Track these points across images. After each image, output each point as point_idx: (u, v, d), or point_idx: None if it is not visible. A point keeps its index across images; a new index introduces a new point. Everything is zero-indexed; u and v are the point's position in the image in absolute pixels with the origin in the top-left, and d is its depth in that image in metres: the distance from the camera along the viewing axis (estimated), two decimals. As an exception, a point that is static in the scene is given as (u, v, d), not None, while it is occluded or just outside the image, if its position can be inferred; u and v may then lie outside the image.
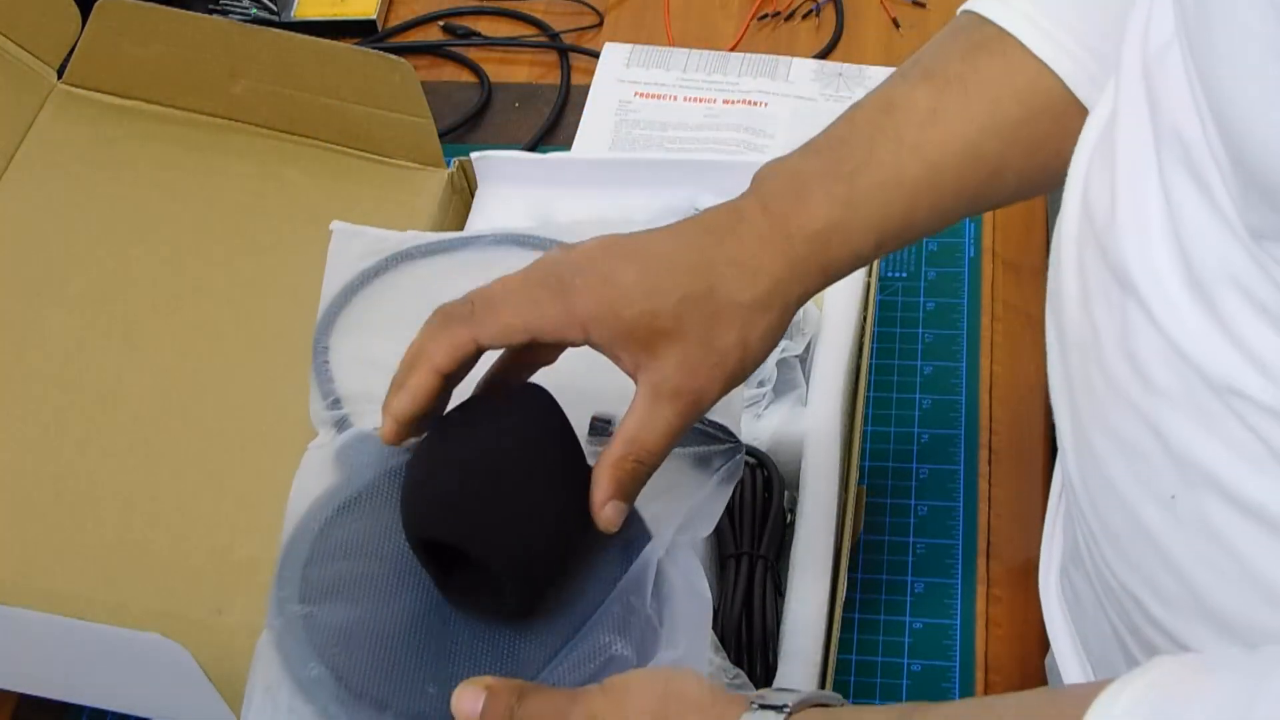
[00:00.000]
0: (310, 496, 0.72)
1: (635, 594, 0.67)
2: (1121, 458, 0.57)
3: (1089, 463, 0.60)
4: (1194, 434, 0.53)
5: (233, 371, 0.93)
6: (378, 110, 1.01)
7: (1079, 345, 0.60)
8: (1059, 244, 0.62)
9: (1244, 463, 0.52)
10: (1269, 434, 0.51)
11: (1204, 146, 0.51)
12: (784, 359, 0.91)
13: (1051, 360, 0.65)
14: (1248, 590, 0.53)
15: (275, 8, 1.27)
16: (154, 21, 1.02)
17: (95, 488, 0.88)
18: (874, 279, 0.95)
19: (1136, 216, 0.55)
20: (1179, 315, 0.53)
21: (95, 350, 0.94)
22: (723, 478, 0.73)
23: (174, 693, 0.78)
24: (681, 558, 0.69)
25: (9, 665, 0.82)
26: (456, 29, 1.26)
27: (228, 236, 1.00)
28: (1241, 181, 0.49)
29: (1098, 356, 0.58)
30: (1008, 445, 0.96)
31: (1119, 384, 0.56)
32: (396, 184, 1.02)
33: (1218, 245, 0.51)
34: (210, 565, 0.85)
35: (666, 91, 1.18)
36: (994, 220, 1.08)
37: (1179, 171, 0.53)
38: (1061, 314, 0.62)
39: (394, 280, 0.88)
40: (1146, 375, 0.55)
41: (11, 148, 1.02)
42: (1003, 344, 1.01)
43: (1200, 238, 0.52)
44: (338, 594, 0.68)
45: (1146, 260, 0.54)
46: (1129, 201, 0.56)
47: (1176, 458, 0.54)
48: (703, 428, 0.74)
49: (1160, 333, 0.53)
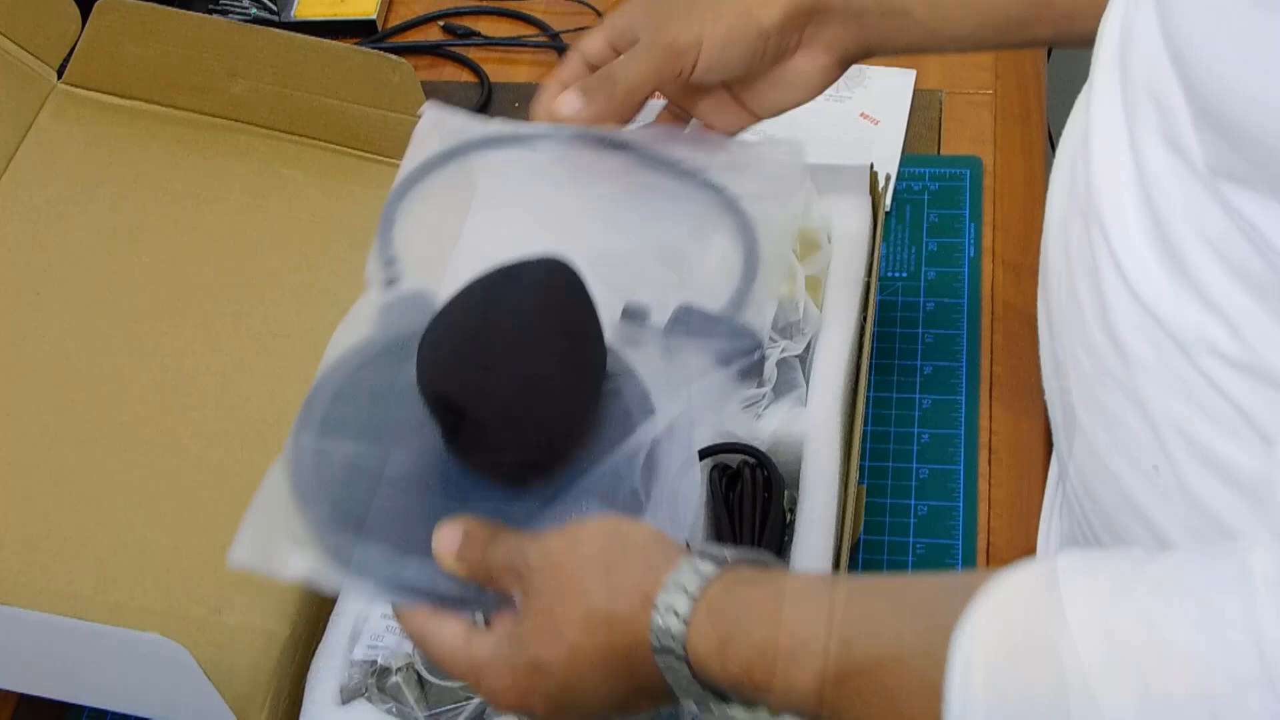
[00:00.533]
0: (345, 346, 0.75)
1: (626, 466, 0.69)
2: (1106, 431, 0.59)
3: (1078, 440, 0.62)
4: (1170, 401, 0.54)
5: (233, 371, 0.93)
6: (378, 110, 1.01)
7: (1065, 325, 0.61)
8: (1047, 228, 0.64)
9: (1217, 426, 0.53)
10: (1238, 394, 0.52)
11: (1172, 99, 0.52)
12: (784, 359, 0.91)
13: (1043, 344, 0.66)
14: None
15: (275, 8, 1.27)
16: (154, 21, 1.02)
17: (95, 488, 0.88)
18: (874, 279, 0.95)
19: (1110, 184, 0.56)
20: (1150, 276, 0.54)
21: (95, 350, 0.94)
22: (738, 374, 0.75)
23: (174, 693, 0.78)
24: (679, 440, 0.71)
25: (9, 665, 0.82)
26: (456, 29, 1.26)
27: (228, 236, 1.00)
28: (1199, 120, 0.50)
29: (1082, 334, 0.59)
30: (1008, 445, 0.96)
31: (1101, 359, 0.58)
32: (396, 184, 1.02)
33: (1185, 201, 0.52)
34: (210, 565, 0.85)
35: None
36: (994, 220, 1.08)
37: (1152, 135, 0.54)
38: (1049, 295, 0.63)
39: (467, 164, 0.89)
40: (1124, 348, 0.56)
41: (11, 148, 1.02)
42: (1003, 344, 1.01)
43: (1169, 195, 0.53)
44: (352, 435, 0.71)
45: (1121, 226, 0.56)
46: (1103, 169, 0.57)
47: (1156, 428, 0.55)
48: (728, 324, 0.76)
49: (1134, 298, 0.55)
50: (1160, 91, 0.53)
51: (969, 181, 1.10)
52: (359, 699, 0.80)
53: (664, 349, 0.74)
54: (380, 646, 0.81)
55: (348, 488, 0.69)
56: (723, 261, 0.80)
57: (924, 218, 1.08)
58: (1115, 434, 0.58)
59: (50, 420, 0.91)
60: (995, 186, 1.10)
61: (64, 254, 0.99)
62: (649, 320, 0.76)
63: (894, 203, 1.09)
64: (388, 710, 0.79)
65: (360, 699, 0.80)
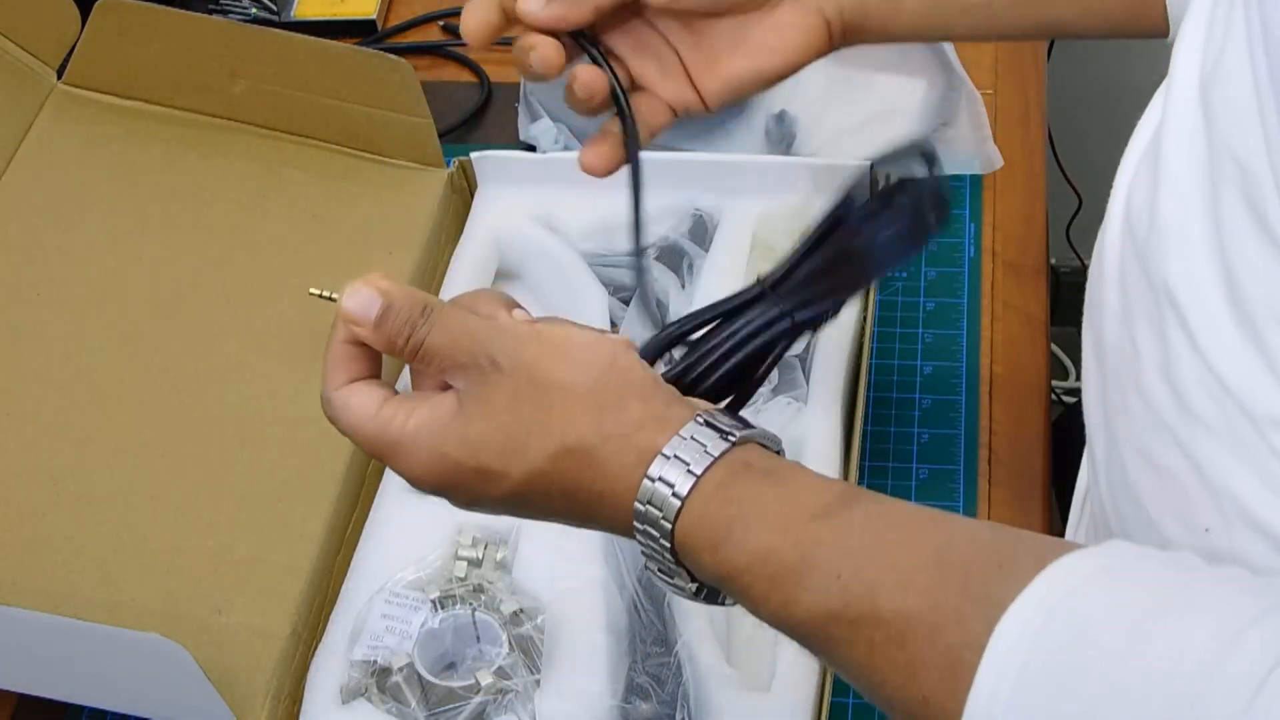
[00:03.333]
0: None
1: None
2: (1155, 483, 0.56)
3: (1119, 482, 0.59)
4: (1233, 467, 0.52)
5: (232, 371, 0.93)
6: (378, 110, 1.01)
7: (1118, 364, 0.59)
8: (1101, 253, 0.61)
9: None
10: None
11: (1267, 174, 0.49)
12: (784, 359, 0.91)
13: (1087, 373, 0.63)
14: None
15: (275, 8, 1.27)
16: (154, 21, 1.02)
17: (95, 488, 0.88)
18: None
19: (1182, 236, 0.53)
20: (1223, 345, 0.51)
21: (95, 350, 0.94)
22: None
23: (174, 693, 0.78)
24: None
25: (9, 665, 0.82)
26: (456, 29, 1.26)
27: (228, 236, 1.00)
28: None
29: (1136, 377, 0.56)
30: (1008, 445, 0.96)
31: (1157, 408, 0.55)
32: (396, 184, 1.02)
33: (1269, 279, 0.49)
34: (210, 565, 0.85)
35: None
36: (994, 220, 1.08)
37: (1233, 196, 0.51)
38: (1101, 328, 0.60)
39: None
40: (1186, 402, 0.53)
41: (11, 148, 1.02)
42: (1003, 344, 1.01)
43: (1251, 269, 0.50)
44: None
45: (1191, 284, 0.53)
46: (1173, 219, 0.54)
47: (1212, 489, 0.53)
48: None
49: (1203, 360, 0.52)
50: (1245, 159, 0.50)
51: (969, 181, 1.10)
52: (359, 699, 0.80)
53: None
54: (380, 646, 0.81)
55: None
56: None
57: (924, 218, 1.08)
58: (1165, 487, 0.55)
59: (50, 420, 0.91)
60: (995, 186, 1.10)
61: (64, 254, 0.99)
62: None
63: (894, 203, 1.09)
64: (388, 710, 0.79)
65: (360, 699, 0.80)
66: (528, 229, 1.02)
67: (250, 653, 0.82)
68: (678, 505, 0.54)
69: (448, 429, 0.58)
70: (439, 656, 0.82)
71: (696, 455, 0.54)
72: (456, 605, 0.82)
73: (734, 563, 0.53)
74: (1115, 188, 0.60)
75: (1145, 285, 0.56)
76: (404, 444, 0.59)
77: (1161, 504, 0.56)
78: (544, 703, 0.79)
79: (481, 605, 0.82)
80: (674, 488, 0.54)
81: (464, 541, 0.85)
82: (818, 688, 0.79)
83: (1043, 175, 1.11)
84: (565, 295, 0.99)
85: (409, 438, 0.59)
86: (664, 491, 0.54)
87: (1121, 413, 0.58)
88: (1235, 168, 0.50)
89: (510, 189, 1.04)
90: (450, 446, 0.58)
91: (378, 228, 1.00)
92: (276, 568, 0.85)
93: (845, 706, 0.85)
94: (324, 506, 0.87)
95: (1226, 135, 0.51)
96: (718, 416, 0.56)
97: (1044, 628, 0.46)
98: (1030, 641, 0.46)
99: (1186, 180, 0.53)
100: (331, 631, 0.83)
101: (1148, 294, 0.55)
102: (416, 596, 0.82)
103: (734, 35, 0.71)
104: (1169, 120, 0.56)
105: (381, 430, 0.59)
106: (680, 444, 0.55)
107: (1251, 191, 0.50)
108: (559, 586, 0.83)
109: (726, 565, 0.53)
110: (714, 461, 0.54)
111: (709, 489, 0.54)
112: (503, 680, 0.79)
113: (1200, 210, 0.52)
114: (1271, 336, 0.50)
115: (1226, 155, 0.51)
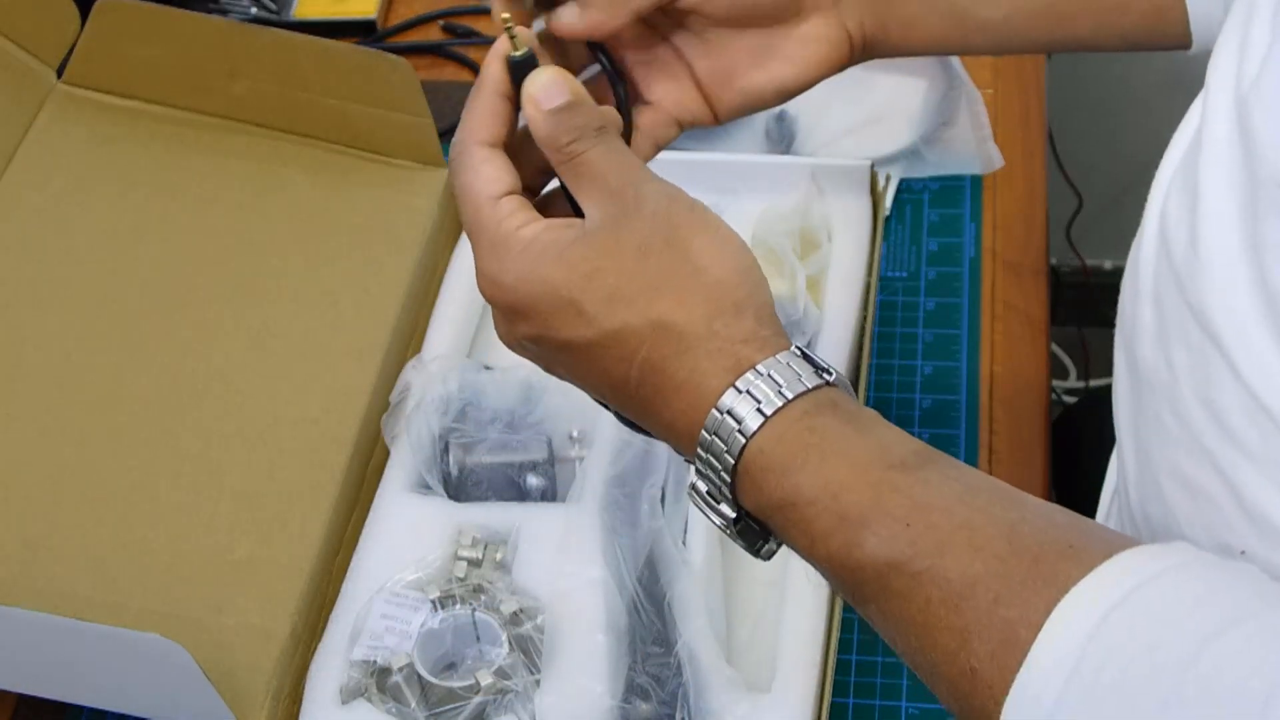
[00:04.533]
0: None
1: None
2: (1191, 503, 0.55)
3: (1153, 500, 0.59)
4: (1271, 492, 0.51)
5: (232, 371, 0.93)
6: (378, 110, 1.01)
7: (1152, 382, 0.58)
8: (1135, 269, 0.60)
9: None
10: None
11: None
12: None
13: (1119, 390, 0.62)
14: None
15: (275, 8, 1.27)
16: (154, 21, 1.02)
17: (95, 488, 0.88)
18: (874, 279, 0.95)
19: (1222, 261, 0.52)
20: (1265, 369, 0.51)
21: (95, 350, 0.94)
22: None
23: (174, 693, 0.78)
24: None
25: (9, 665, 0.82)
26: (456, 29, 1.26)
27: (228, 236, 1.00)
28: None
29: (1171, 398, 0.56)
30: (1008, 445, 0.96)
31: (1194, 429, 0.54)
32: (396, 184, 1.02)
33: None
34: (210, 565, 0.85)
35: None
36: (994, 220, 1.08)
37: (1275, 222, 0.50)
38: (1135, 346, 0.60)
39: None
40: (1225, 424, 0.52)
41: (11, 148, 1.02)
42: (1003, 344, 1.01)
43: None
44: None
45: (1231, 309, 0.52)
46: (1214, 243, 0.53)
47: (1249, 512, 0.52)
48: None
49: (1243, 385, 0.51)
50: None
51: (969, 181, 1.10)
52: (359, 699, 0.80)
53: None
54: (380, 646, 0.81)
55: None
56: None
57: (924, 217, 1.08)
58: (1201, 509, 0.55)
59: (50, 420, 0.91)
60: (995, 186, 1.10)
61: (64, 254, 0.99)
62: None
63: (894, 202, 1.09)
64: (387, 710, 0.79)
65: (360, 699, 0.80)
66: (528, 229, 1.02)
67: (250, 653, 0.82)
68: (759, 421, 0.53)
69: (563, 250, 0.56)
70: (439, 657, 0.82)
71: (789, 380, 0.54)
72: (456, 605, 0.82)
73: (802, 491, 0.52)
74: (1150, 201, 0.59)
75: (1183, 307, 0.55)
76: (509, 244, 0.57)
77: (1195, 523, 0.55)
78: (544, 703, 0.79)
79: (481, 605, 0.82)
80: (760, 404, 0.53)
81: (464, 541, 0.85)
82: (818, 688, 0.79)
83: (1043, 175, 1.11)
84: (565, 295, 0.99)
85: (518, 241, 0.56)
86: (747, 405, 0.53)
87: (1155, 431, 0.58)
88: (1277, 191, 0.50)
89: (510, 189, 1.03)
90: (555, 269, 0.56)
91: (378, 228, 1.00)
92: (276, 568, 0.85)
93: (845, 707, 0.85)
94: (324, 506, 0.87)
95: (1267, 157, 0.50)
96: (816, 356, 0.55)
97: (1105, 619, 0.45)
98: (1090, 631, 0.45)
99: (1225, 203, 0.53)
100: (331, 631, 0.83)
101: (1185, 315, 0.55)
102: (416, 596, 0.82)
103: (755, 48, 0.69)
104: (1206, 136, 0.55)
105: (495, 217, 0.57)
106: (776, 365, 0.54)
107: None
108: (559, 586, 0.83)
109: (793, 493, 0.52)
110: (805, 391, 0.53)
111: (794, 414, 0.53)
112: (503, 680, 0.79)
113: (1239, 236, 0.51)
114: None
115: (1270, 178, 0.50)
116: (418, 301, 0.98)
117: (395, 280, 0.97)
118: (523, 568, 0.84)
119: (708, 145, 1.11)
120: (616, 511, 0.86)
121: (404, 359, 0.95)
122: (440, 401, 0.90)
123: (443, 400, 0.91)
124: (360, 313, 0.96)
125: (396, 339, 0.95)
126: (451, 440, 0.90)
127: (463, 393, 0.91)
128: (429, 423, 0.90)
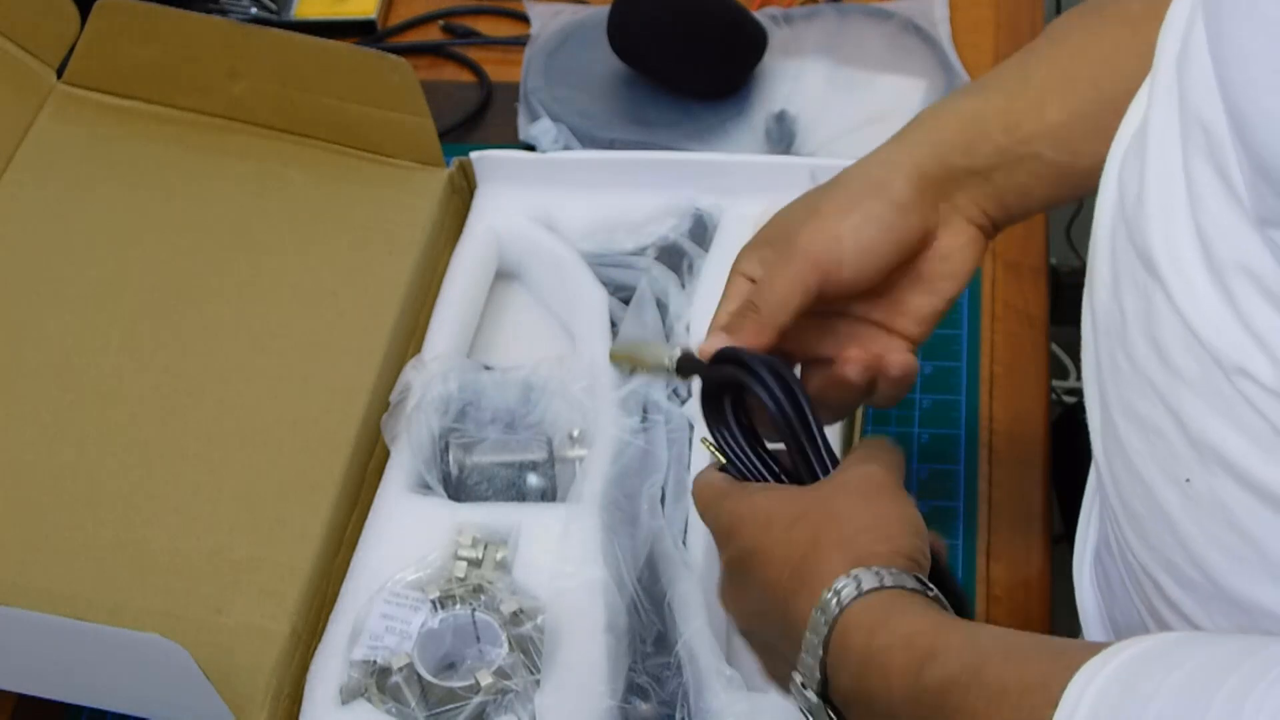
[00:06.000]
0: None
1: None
2: (1143, 440, 0.58)
3: (1113, 445, 0.61)
4: (1208, 417, 0.54)
5: (232, 371, 0.93)
6: (378, 110, 1.01)
7: (1108, 330, 0.61)
8: (1095, 233, 0.63)
9: (1254, 446, 0.53)
10: (1276, 417, 0.52)
11: (1224, 134, 0.52)
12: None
13: (1085, 346, 0.65)
14: (1259, 572, 0.54)
15: (275, 8, 1.27)
16: (154, 21, 1.02)
17: (95, 488, 0.88)
18: (874, 279, 0.95)
19: (1163, 203, 0.56)
20: (1197, 300, 0.54)
21: (95, 350, 0.94)
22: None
23: (173, 693, 0.78)
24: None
25: (8, 665, 0.82)
26: (456, 29, 1.26)
27: (228, 236, 1.00)
28: (1250, 168, 0.50)
29: (1123, 339, 0.59)
30: (1008, 445, 0.96)
31: (1142, 366, 0.57)
32: (396, 184, 1.02)
33: (1233, 233, 0.52)
34: (210, 565, 0.85)
35: (666, 91, 1.18)
36: (994, 220, 1.08)
37: (1201, 160, 0.53)
38: (1094, 300, 0.63)
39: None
40: (1167, 358, 0.56)
41: (11, 148, 1.02)
42: (1003, 344, 1.01)
43: (1217, 225, 0.53)
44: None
45: (1170, 247, 0.55)
46: (1157, 188, 0.57)
47: (1193, 440, 0.55)
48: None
49: (1179, 316, 0.54)
50: (1209, 122, 0.53)
51: (969, 181, 1.09)
52: (359, 699, 0.80)
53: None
54: (380, 646, 0.81)
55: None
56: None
57: (924, 218, 1.08)
58: (1151, 442, 0.58)
59: (50, 420, 0.91)
60: (995, 186, 1.09)
61: (64, 254, 0.99)
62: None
63: (894, 203, 1.08)
64: (387, 710, 0.79)
65: (360, 699, 0.80)
66: (528, 229, 1.02)
67: (250, 653, 0.82)
68: (855, 594, 0.62)
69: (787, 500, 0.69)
70: (439, 657, 0.82)
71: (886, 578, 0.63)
72: (456, 605, 0.82)
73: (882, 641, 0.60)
74: (1107, 168, 0.63)
75: (1131, 253, 0.58)
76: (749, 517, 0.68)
77: (1147, 459, 0.58)
78: (544, 703, 0.79)
79: (481, 605, 0.82)
80: (860, 583, 0.62)
81: (464, 541, 0.85)
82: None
83: (1043, 175, 1.11)
84: (565, 295, 0.99)
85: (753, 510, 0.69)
86: (850, 586, 0.62)
87: (1111, 375, 0.61)
88: (1201, 133, 0.53)
89: (510, 189, 1.04)
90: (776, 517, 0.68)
91: (378, 228, 1.00)
92: (276, 568, 0.85)
93: (845, 706, 0.85)
94: (324, 506, 0.87)
95: (1194, 104, 0.54)
96: (922, 575, 0.64)
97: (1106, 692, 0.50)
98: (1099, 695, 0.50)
99: (1168, 151, 0.56)
100: (331, 631, 0.83)
101: (1133, 260, 0.58)
102: (416, 596, 0.82)
103: (911, 283, 0.76)
104: (1155, 97, 0.58)
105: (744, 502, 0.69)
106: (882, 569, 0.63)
107: (1216, 152, 0.52)
108: (559, 586, 0.83)
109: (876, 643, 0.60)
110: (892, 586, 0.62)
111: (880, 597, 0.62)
112: (502, 680, 0.79)
113: (1179, 178, 0.55)
114: (1238, 287, 0.52)
115: (1195, 124, 0.54)
116: (418, 301, 0.98)
117: (395, 280, 0.97)
118: (523, 568, 0.84)
119: (708, 145, 1.11)
120: (616, 511, 0.86)
121: (404, 359, 0.95)
122: (440, 401, 0.90)
123: (443, 400, 0.91)
124: (360, 313, 0.96)
125: (396, 339, 0.95)
126: (451, 440, 0.90)
127: (463, 393, 0.91)
128: (429, 423, 0.90)
